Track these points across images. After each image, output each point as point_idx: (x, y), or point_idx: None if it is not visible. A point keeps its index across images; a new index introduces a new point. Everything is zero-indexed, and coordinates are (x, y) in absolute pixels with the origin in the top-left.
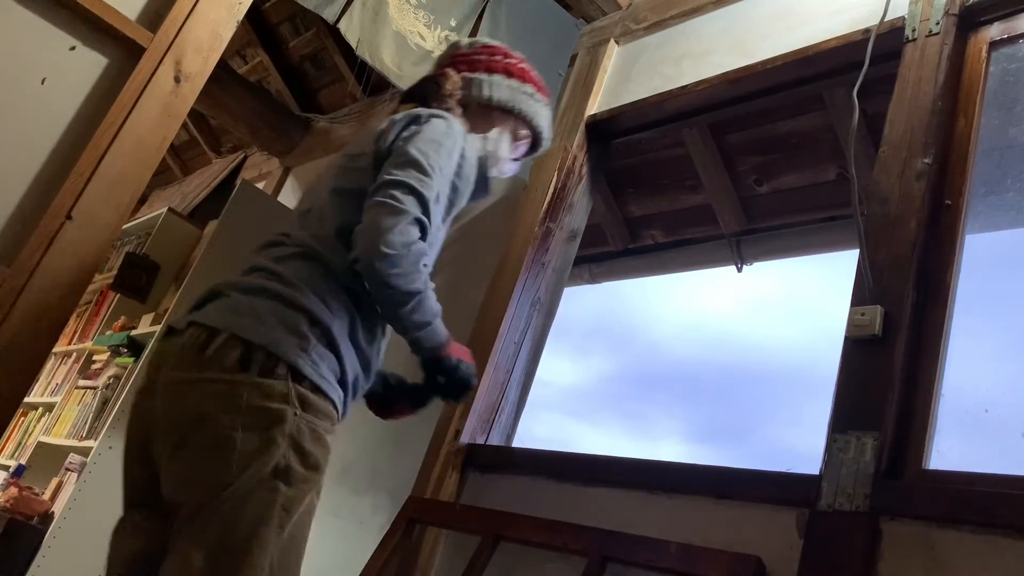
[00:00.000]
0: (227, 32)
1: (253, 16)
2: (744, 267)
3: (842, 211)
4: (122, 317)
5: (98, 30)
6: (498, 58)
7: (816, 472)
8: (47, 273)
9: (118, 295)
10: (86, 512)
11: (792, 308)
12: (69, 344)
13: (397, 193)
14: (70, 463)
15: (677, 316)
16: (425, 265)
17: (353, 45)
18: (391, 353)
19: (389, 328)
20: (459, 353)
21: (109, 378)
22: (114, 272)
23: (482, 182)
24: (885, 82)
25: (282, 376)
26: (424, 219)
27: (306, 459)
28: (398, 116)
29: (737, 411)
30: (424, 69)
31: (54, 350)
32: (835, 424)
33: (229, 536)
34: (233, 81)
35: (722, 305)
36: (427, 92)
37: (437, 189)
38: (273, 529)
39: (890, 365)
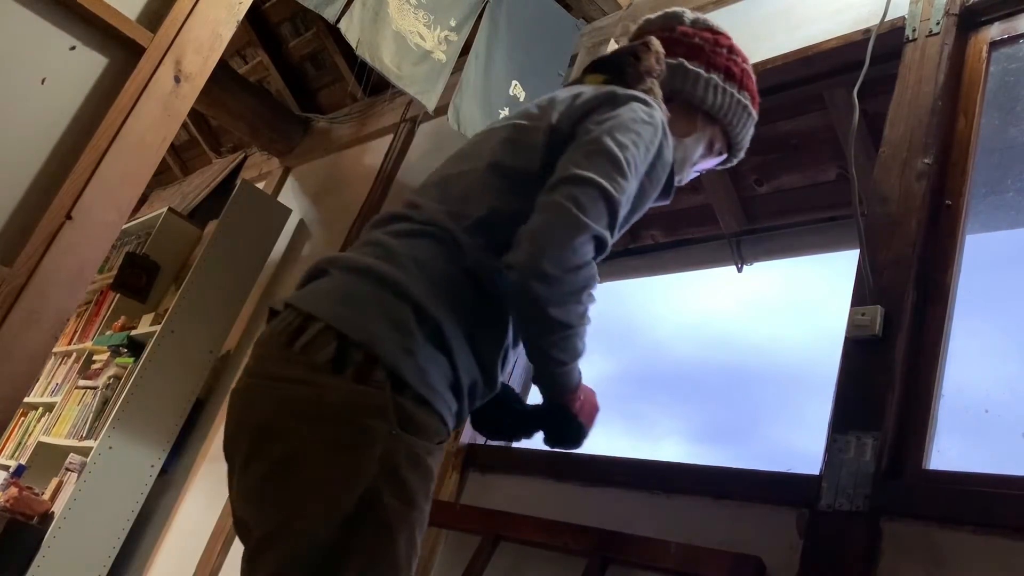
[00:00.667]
0: (227, 32)
1: (253, 16)
2: (744, 267)
3: (842, 211)
4: (122, 317)
5: (98, 30)
6: (722, 51)
7: (816, 472)
8: (47, 273)
9: (118, 295)
10: (86, 512)
11: (792, 308)
12: (69, 344)
13: (583, 197)
14: (70, 463)
15: (677, 316)
16: (590, 295)
17: (353, 45)
18: None
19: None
20: (584, 406)
21: (109, 378)
22: (114, 272)
23: (667, 189)
24: (885, 82)
25: (380, 384)
26: (606, 235)
27: (402, 491)
28: (586, 89)
29: (738, 411)
30: (424, 69)
31: (54, 350)
32: (835, 424)
33: None
34: (233, 81)
35: (722, 305)
36: (624, 65)
37: (629, 193)
38: None
39: (890, 365)
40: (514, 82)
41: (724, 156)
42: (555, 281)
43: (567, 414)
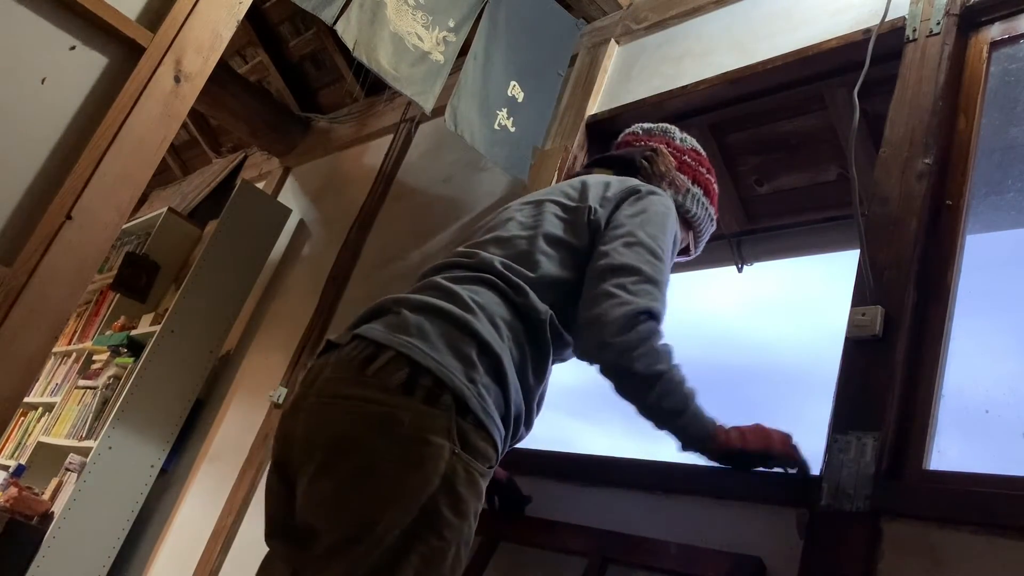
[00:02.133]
0: (227, 32)
1: (253, 16)
2: (744, 267)
3: (842, 211)
4: (122, 317)
5: (98, 30)
6: (704, 171)
7: (816, 472)
8: (47, 273)
9: (118, 295)
10: (86, 512)
11: (793, 307)
12: (69, 344)
13: (628, 283)
14: (70, 463)
15: (678, 315)
16: (664, 345)
17: (350, 47)
18: None
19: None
20: (748, 436)
21: (109, 378)
22: (114, 272)
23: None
24: (886, 82)
25: (447, 407)
26: (654, 307)
27: (458, 505)
28: (612, 180)
29: (738, 411)
30: (421, 70)
31: (54, 350)
32: (835, 424)
33: None
34: (233, 81)
35: (723, 305)
36: (635, 164)
37: (666, 270)
38: None
39: (890, 365)
40: (513, 83)
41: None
42: (625, 344)
43: (731, 451)
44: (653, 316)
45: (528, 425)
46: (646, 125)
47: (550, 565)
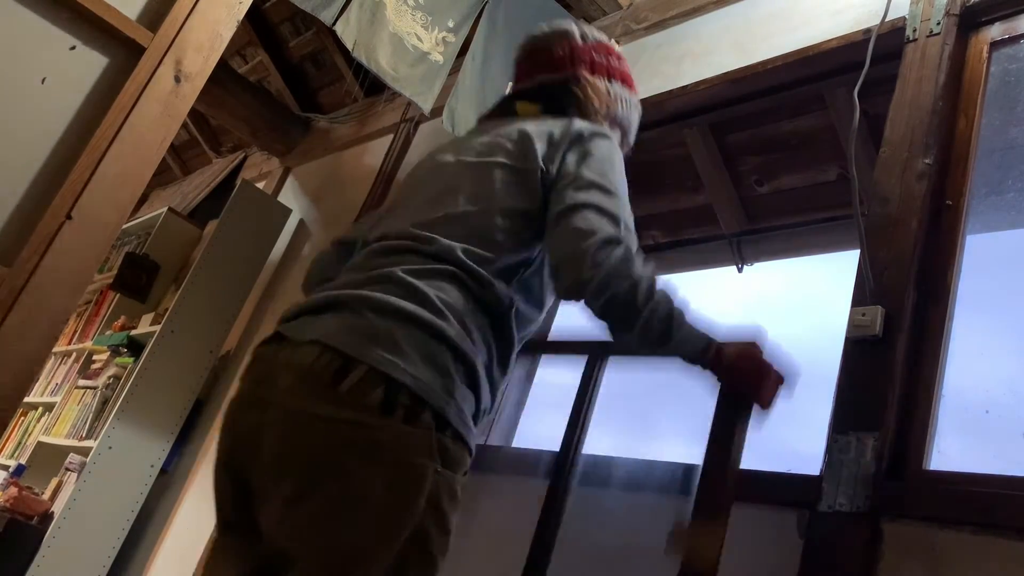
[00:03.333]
0: (227, 32)
1: (253, 16)
2: (745, 267)
3: (842, 211)
4: (122, 317)
5: (98, 30)
6: (614, 60)
7: (817, 472)
8: (47, 273)
9: (118, 295)
10: (86, 512)
11: (794, 307)
12: (69, 344)
13: (590, 216)
14: (70, 463)
15: None
16: (642, 267)
17: (349, 47)
18: None
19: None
20: (737, 368)
21: (109, 378)
22: (114, 272)
23: None
24: (886, 82)
25: (427, 425)
26: (620, 235)
27: (442, 523)
28: (552, 131)
29: None
30: (420, 71)
31: (54, 350)
32: (836, 425)
33: None
34: (233, 81)
35: (724, 304)
36: (565, 99)
37: (626, 208)
38: None
39: (891, 366)
40: (511, 83)
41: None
42: (597, 277)
43: (720, 369)
44: (621, 242)
45: (492, 410)
46: (538, 36)
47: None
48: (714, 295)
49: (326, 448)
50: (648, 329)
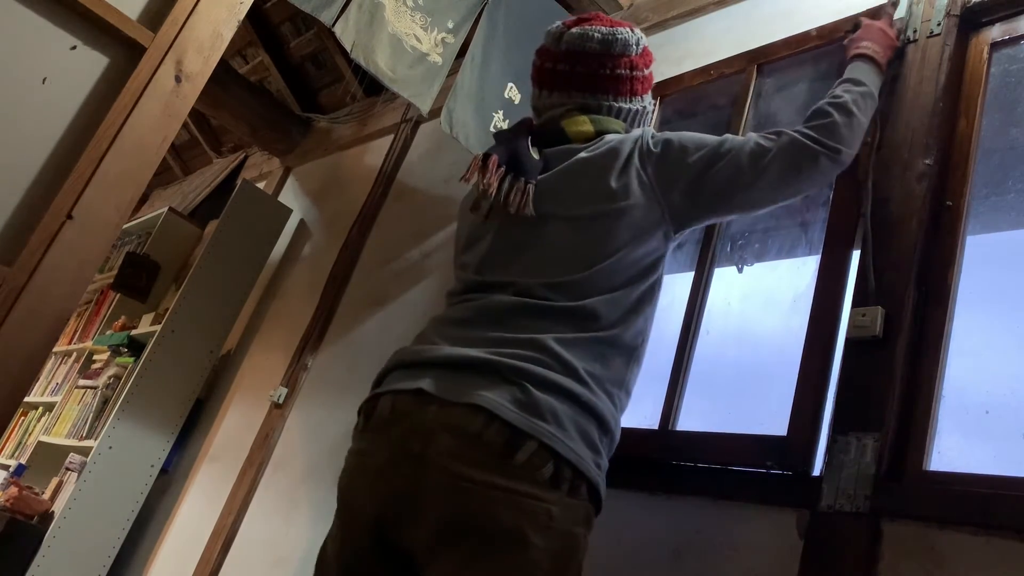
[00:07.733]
0: (228, 32)
1: (254, 16)
2: (744, 268)
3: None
4: (122, 317)
5: (99, 29)
6: (652, 68)
7: (817, 473)
8: (47, 273)
9: (118, 295)
10: (86, 512)
11: (794, 307)
12: (69, 344)
13: (753, 151)
14: (70, 463)
15: (679, 314)
16: (827, 120)
17: (348, 48)
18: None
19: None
20: (882, 54)
21: (109, 378)
22: (114, 272)
23: None
24: (886, 83)
25: (584, 497)
26: (770, 138)
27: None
28: (632, 154)
29: (739, 410)
30: (419, 72)
31: (54, 350)
32: (836, 425)
33: None
34: (234, 81)
35: (724, 303)
36: (613, 111)
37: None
38: None
39: (891, 366)
40: (510, 84)
41: None
42: (822, 155)
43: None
44: (780, 134)
45: None
46: (595, 43)
47: None
48: (715, 293)
49: (507, 518)
50: (867, 112)
